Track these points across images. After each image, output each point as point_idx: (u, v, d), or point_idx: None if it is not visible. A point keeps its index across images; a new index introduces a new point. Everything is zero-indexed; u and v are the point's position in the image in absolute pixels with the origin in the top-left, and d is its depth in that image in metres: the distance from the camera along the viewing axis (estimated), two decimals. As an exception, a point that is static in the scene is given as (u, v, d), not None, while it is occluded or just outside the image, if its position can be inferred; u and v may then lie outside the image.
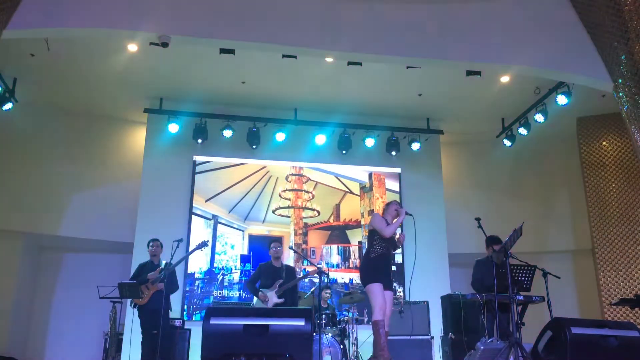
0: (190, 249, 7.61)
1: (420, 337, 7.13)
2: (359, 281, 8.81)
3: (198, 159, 9.13)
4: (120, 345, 7.80)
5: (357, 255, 9.12)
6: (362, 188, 9.49)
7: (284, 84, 8.49)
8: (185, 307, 8.30)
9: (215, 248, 8.71)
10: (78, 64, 7.90)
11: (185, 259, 7.66)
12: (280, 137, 9.00)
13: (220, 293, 8.54)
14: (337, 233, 9.21)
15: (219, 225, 8.90)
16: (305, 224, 9.16)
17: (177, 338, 7.23)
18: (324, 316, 6.74)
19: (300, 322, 4.18)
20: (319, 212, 9.24)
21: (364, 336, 7.41)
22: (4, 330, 8.39)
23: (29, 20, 5.96)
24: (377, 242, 5.55)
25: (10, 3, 5.70)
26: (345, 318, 6.98)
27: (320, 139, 9.19)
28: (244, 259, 8.80)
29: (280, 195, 9.20)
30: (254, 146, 9.00)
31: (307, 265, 8.76)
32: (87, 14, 6.20)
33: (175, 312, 7.68)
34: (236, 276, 8.69)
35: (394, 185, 9.55)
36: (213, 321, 4.19)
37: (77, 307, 9.05)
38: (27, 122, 8.80)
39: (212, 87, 8.61)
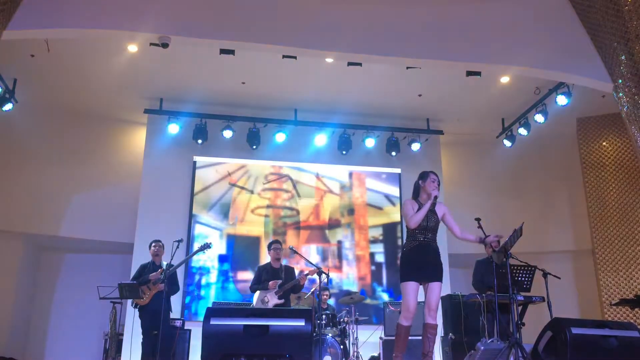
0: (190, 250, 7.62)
1: (421, 338, 7.12)
2: (338, 281, 8.84)
3: (198, 159, 9.13)
4: (120, 346, 7.81)
5: (336, 254, 9.12)
6: (342, 187, 9.48)
7: (284, 84, 8.49)
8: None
9: (192, 248, 8.54)
10: (78, 64, 7.91)
11: (187, 261, 7.65)
12: (280, 137, 9.00)
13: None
14: (317, 233, 9.20)
15: (197, 224, 8.87)
16: (284, 223, 9.14)
17: (177, 338, 7.23)
18: (324, 317, 6.75)
19: (301, 323, 4.17)
20: (298, 212, 9.23)
21: (364, 337, 7.43)
22: (4, 331, 8.39)
23: (30, 21, 5.96)
24: (412, 231, 4.75)
25: (10, 4, 5.71)
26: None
27: (321, 140, 9.19)
28: (221, 259, 8.78)
29: (259, 195, 9.18)
30: (254, 147, 9.01)
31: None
32: (87, 15, 6.20)
33: (175, 312, 7.67)
34: (214, 276, 8.69)
35: (375, 184, 9.53)
36: (213, 322, 4.19)
37: (77, 308, 9.05)
38: (27, 123, 8.79)
39: (212, 87, 8.61)
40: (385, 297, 8.86)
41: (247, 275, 8.65)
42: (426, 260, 4.69)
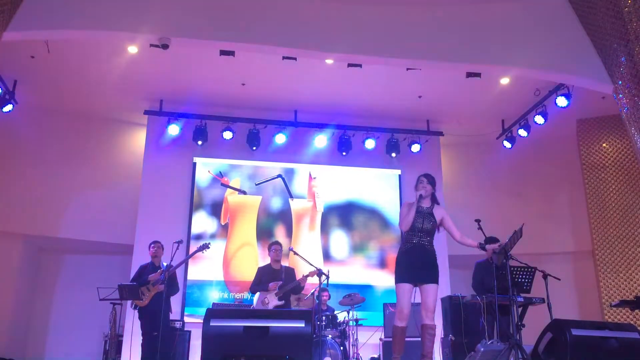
0: (191, 251, 7.61)
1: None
2: (332, 282, 8.77)
3: (198, 160, 9.13)
4: (120, 347, 7.80)
5: (330, 255, 9.10)
6: (337, 188, 9.42)
7: (284, 85, 8.49)
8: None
9: (189, 249, 8.50)
10: (78, 66, 7.91)
11: (186, 261, 7.65)
12: (280, 138, 9.00)
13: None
14: (310, 233, 9.16)
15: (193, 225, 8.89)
16: (277, 224, 9.10)
17: (177, 339, 7.23)
18: (324, 318, 6.74)
19: (301, 324, 4.17)
20: (291, 213, 9.18)
21: (364, 338, 7.43)
22: (4, 332, 8.38)
23: (30, 22, 5.96)
24: (407, 233, 4.79)
25: (10, 5, 5.71)
26: None
27: (321, 141, 9.19)
28: (213, 260, 8.69)
29: (251, 195, 9.14)
30: (254, 148, 9.00)
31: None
32: (88, 16, 6.21)
33: (175, 313, 7.67)
34: (206, 277, 8.66)
35: (371, 185, 9.50)
36: (213, 323, 4.19)
37: (76, 309, 9.04)
38: (28, 124, 8.79)
39: (212, 88, 8.61)
40: (381, 298, 8.83)
41: (239, 277, 8.67)
42: (420, 262, 4.70)
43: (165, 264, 6.74)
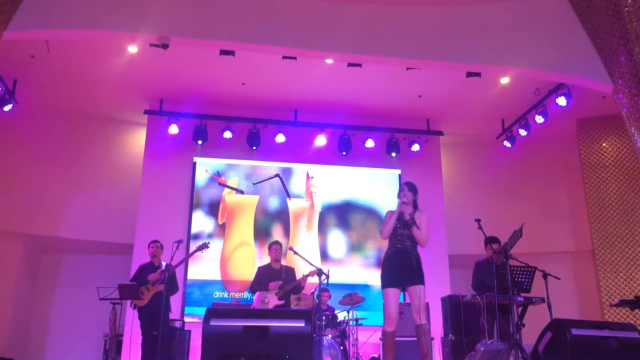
0: (190, 250, 7.60)
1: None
2: (331, 282, 8.78)
3: (198, 160, 9.14)
4: (120, 347, 7.80)
5: (327, 255, 9.12)
6: (334, 188, 9.42)
7: (284, 85, 8.49)
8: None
9: (189, 249, 8.48)
10: (78, 65, 7.91)
11: (185, 261, 7.65)
12: (280, 138, 9.00)
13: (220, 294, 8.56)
14: (307, 233, 9.16)
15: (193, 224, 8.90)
16: (274, 223, 9.12)
17: (177, 339, 7.22)
18: (324, 317, 6.74)
19: (300, 324, 4.17)
20: (288, 212, 9.19)
21: (364, 337, 7.43)
22: (4, 332, 8.38)
23: (30, 21, 5.96)
24: (390, 239, 4.88)
25: (10, 4, 5.71)
26: None
27: (321, 141, 9.19)
28: (210, 260, 8.69)
29: (249, 195, 9.14)
30: (254, 147, 9.00)
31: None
32: (88, 15, 6.20)
33: (175, 313, 7.67)
34: (202, 277, 8.68)
35: (369, 185, 9.50)
36: (213, 322, 4.19)
37: (76, 309, 9.04)
38: (27, 124, 8.80)
39: (212, 88, 8.61)
40: (379, 298, 8.83)
41: (236, 277, 8.68)
42: (403, 266, 4.77)
43: (164, 263, 6.74)
